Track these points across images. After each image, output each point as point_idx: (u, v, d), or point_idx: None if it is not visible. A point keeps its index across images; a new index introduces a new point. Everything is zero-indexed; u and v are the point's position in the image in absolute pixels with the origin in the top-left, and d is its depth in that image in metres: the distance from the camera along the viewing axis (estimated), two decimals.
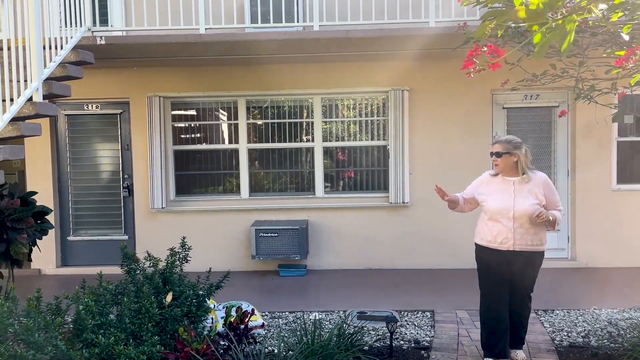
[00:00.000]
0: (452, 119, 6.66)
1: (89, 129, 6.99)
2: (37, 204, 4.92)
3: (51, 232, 6.80)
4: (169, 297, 3.78)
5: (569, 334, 4.45)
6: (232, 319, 3.78)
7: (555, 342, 4.28)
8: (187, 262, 4.10)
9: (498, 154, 3.69)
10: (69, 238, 7.00)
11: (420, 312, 5.10)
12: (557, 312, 5.03)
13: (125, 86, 6.81)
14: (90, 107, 6.93)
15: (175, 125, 6.97)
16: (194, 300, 3.97)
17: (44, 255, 6.76)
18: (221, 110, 7.00)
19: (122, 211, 7.01)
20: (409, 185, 6.64)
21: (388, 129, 6.72)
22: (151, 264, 3.96)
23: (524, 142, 3.76)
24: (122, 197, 7.00)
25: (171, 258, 4.04)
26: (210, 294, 4.09)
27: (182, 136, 7.02)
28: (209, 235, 6.82)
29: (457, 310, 5.10)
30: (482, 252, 3.83)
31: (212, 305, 4.55)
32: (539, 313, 4.99)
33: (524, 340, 3.97)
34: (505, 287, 3.76)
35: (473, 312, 5.01)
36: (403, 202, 6.63)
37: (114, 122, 6.97)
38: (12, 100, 3.95)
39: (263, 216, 6.81)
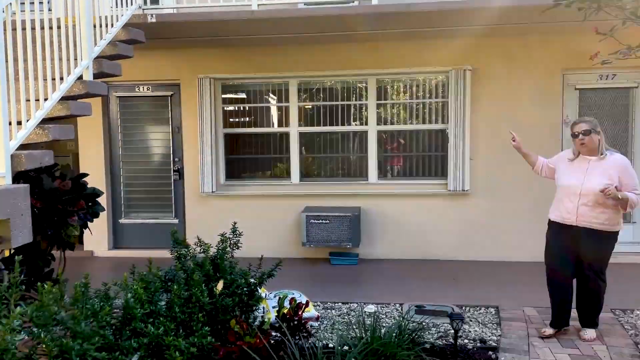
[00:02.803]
0: (518, 101, 6.18)
1: (140, 111, 6.93)
2: (89, 186, 4.87)
3: (103, 214, 6.81)
4: (220, 286, 3.60)
5: None
6: (285, 311, 3.56)
7: None
8: (238, 248, 3.91)
9: (586, 132, 3.78)
10: (120, 220, 7.00)
11: (483, 308, 4.74)
12: (638, 312, 4.56)
13: (176, 68, 6.68)
14: (141, 89, 6.86)
15: (226, 108, 6.81)
16: (245, 289, 3.78)
17: (97, 238, 6.80)
18: (271, 93, 6.78)
19: (173, 195, 6.94)
20: (469, 172, 6.23)
21: (448, 111, 6.31)
22: (202, 250, 3.79)
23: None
24: (172, 181, 6.93)
25: (222, 244, 3.86)
26: (262, 283, 3.89)
27: (233, 119, 6.85)
28: (258, 220, 6.66)
29: (525, 307, 4.71)
30: (550, 226, 4.06)
31: (263, 294, 4.37)
32: (617, 313, 4.54)
33: (596, 322, 4.02)
34: (567, 261, 3.95)
35: (542, 309, 4.62)
36: (462, 190, 6.23)
37: (164, 105, 6.88)
38: (62, 79, 3.84)
39: (314, 202, 6.57)
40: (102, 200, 6.77)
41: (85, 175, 4.92)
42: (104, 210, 4.91)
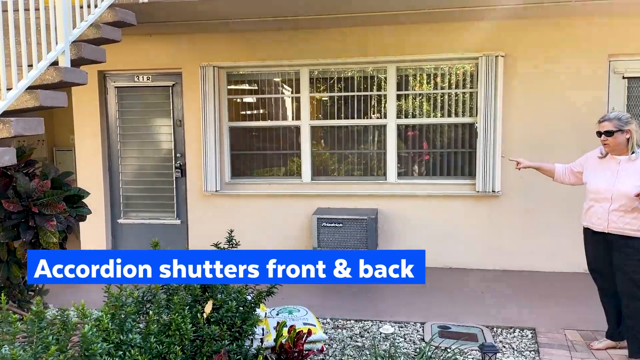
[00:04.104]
0: (557, 91, 5.48)
1: (139, 103, 6.41)
2: (86, 183, 4.40)
3: (100, 214, 6.38)
4: (208, 308, 3.06)
5: None
6: (283, 340, 3.00)
7: None
8: None
9: (609, 133, 3.43)
10: (119, 221, 6.52)
11: (517, 330, 4.11)
12: None
13: (178, 55, 6.15)
14: (141, 78, 6.34)
15: (231, 99, 6.25)
16: (241, 308, 3.24)
17: (94, 239, 6.37)
18: (281, 83, 6.20)
19: (175, 193, 6.43)
20: (500, 171, 5.56)
21: (477, 103, 5.65)
22: None
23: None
24: (174, 178, 6.41)
25: None
26: (259, 302, 3.34)
27: (239, 112, 6.29)
28: (266, 222, 6.11)
29: (566, 330, 4.07)
30: (584, 234, 3.72)
31: (262, 314, 3.81)
32: None
33: None
34: (606, 272, 3.59)
35: (587, 333, 3.99)
36: (492, 191, 5.57)
37: (165, 95, 6.35)
38: (31, 67, 3.33)
39: (327, 203, 5.99)
40: (100, 198, 6.35)
41: (70, 174, 4.42)
42: (90, 212, 4.41)
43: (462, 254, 5.78)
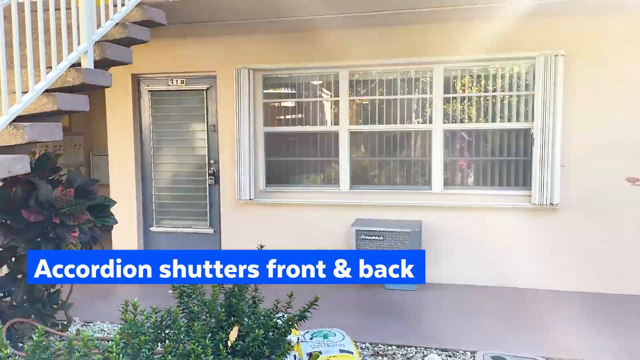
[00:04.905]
0: (626, 94, 4.92)
1: (173, 107, 6.20)
2: (118, 189, 4.19)
3: (133, 221, 6.20)
4: (233, 335, 2.73)
5: None
6: None
7: None
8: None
9: None
10: (151, 229, 6.32)
11: None
12: None
13: (212, 58, 5.90)
14: (174, 82, 6.14)
15: (267, 103, 5.96)
16: (270, 334, 2.90)
17: (126, 247, 6.19)
18: (319, 86, 5.87)
19: (208, 201, 6.18)
20: (559, 182, 5.04)
21: (533, 107, 5.14)
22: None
23: None
24: (207, 185, 6.16)
25: None
26: (291, 327, 2.99)
27: (274, 116, 5.99)
28: (301, 233, 5.77)
29: None
30: None
31: (294, 338, 3.47)
32: None
33: None
34: None
35: None
36: (551, 204, 5.05)
37: (199, 100, 6.12)
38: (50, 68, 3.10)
39: (366, 214, 5.60)
40: (132, 205, 6.17)
41: (96, 181, 4.22)
42: (116, 222, 4.18)
43: (516, 272, 5.26)
